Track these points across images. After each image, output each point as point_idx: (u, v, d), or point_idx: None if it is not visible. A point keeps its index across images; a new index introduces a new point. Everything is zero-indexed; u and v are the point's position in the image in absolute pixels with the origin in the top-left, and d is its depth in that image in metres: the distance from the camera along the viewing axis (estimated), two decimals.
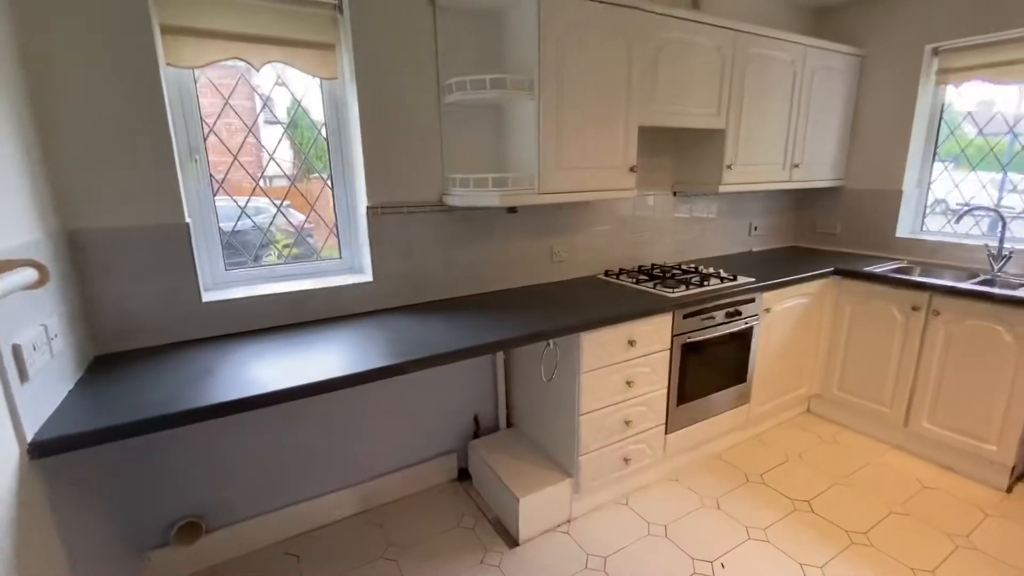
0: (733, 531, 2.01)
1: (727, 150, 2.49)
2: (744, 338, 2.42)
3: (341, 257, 2.10)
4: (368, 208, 1.93)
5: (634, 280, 2.41)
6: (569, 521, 2.08)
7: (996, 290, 2.17)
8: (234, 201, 1.90)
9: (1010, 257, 2.50)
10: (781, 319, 2.56)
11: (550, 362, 2.02)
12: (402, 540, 1.99)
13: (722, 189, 2.54)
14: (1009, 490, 2.23)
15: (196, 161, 1.74)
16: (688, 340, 2.20)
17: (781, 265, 2.79)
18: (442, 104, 1.99)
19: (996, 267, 2.51)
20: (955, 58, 2.69)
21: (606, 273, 2.59)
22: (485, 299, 2.17)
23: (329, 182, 2.04)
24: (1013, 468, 2.20)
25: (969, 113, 2.77)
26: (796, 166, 2.82)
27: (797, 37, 2.59)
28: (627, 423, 2.09)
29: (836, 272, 2.68)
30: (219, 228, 1.82)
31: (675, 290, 2.20)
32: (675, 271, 2.58)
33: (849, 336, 2.67)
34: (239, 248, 1.93)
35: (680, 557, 1.89)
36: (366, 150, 1.89)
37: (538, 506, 1.97)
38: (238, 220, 1.91)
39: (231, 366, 1.48)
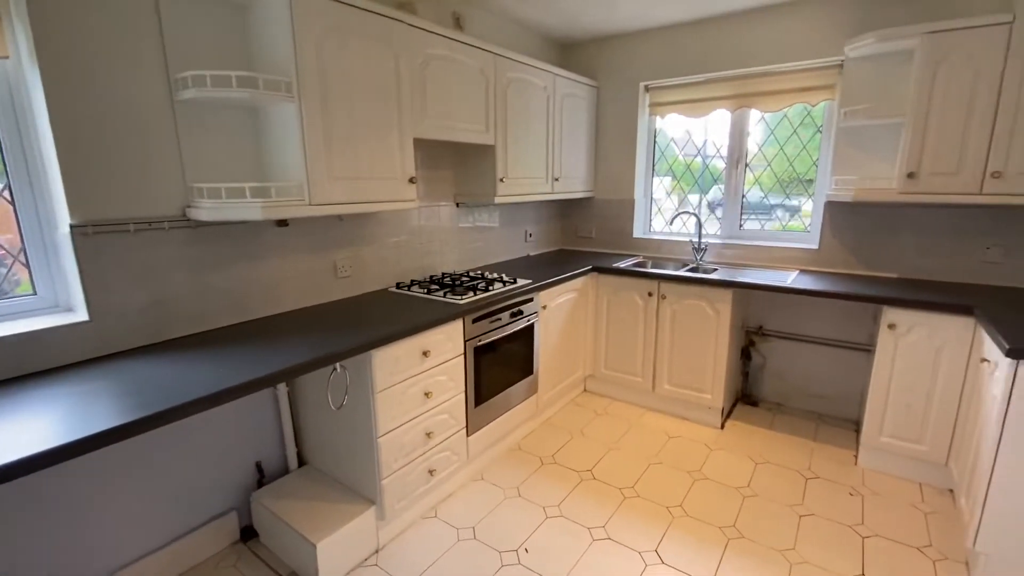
0: (533, 515, 2.17)
1: (498, 164, 2.69)
2: (527, 334, 2.64)
3: (36, 293, 1.59)
4: (73, 227, 1.50)
5: (425, 290, 2.42)
6: (377, 551, 1.96)
7: (698, 275, 2.82)
8: None
9: (706, 249, 3.28)
10: (556, 314, 2.88)
11: (339, 387, 1.88)
12: None
13: (498, 200, 2.73)
14: (722, 427, 2.92)
15: None
16: (479, 343, 2.29)
17: (553, 266, 3.14)
18: (176, 101, 1.67)
19: (698, 257, 3.28)
20: (660, 94, 3.42)
21: (398, 285, 2.53)
22: (256, 327, 1.91)
23: (7, 195, 1.53)
24: (723, 410, 2.89)
25: (672, 139, 3.55)
26: (557, 179, 3.22)
27: (547, 66, 2.95)
28: (429, 435, 2.07)
29: (594, 269, 3.14)
30: None
31: (464, 297, 2.28)
32: (463, 278, 2.68)
33: (608, 322, 3.16)
34: None
35: (488, 555, 1.95)
36: (62, 152, 1.46)
37: (339, 546, 1.80)
38: None
39: None
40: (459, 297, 2.28)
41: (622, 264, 3.20)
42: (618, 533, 2.06)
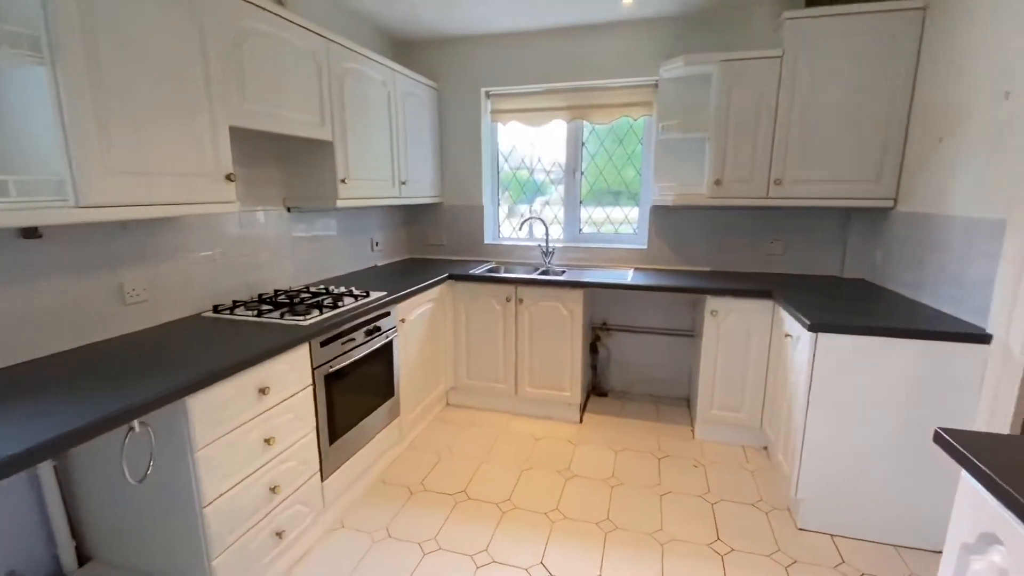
0: (408, 555, 1.93)
1: (339, 163, 2.38)
2: (386, 353, 2.38)
3: None
4: None
5: (255, 312, 2.00)
6: None
7: (552, 277, 2.89)
8: None
9: (554, 252, 3.40)
10: (415, 327, 2.67)
11: (140, 452, 1.41)
12: None
13: (340, 203, 2.42)
14: (581, 421, 3.03)
15: None
16: (331, 369, 1.97)
17: (405, 277, 2.92)
18: None
19: (547, 260, 3.38)
20: (501, 101, 3.44)
21: (216, 309, 2.05)
22: (2, 381, 1.33)
23: None
24: (580, 405, 3.01)
25: (514, 146, 3.61)
26: (404, 183, 3.00)
27: (386, 60, 2.73)
28: (274, 489, 1.69)
29: (450, 277, 3.01)
30: None
31: (308, 317, 1.94)
32: (304, 295, 2.30)
33: (468, 330, 3.05)
34: None
35: None
36: None
37: None
38: None
39: None
40: (301, 318, 1.93)
41: (476, 270, 3.13)
42: (502, 553, 1.95)
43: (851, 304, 2.23)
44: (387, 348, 2.38)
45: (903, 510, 1.95)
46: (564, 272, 3.18)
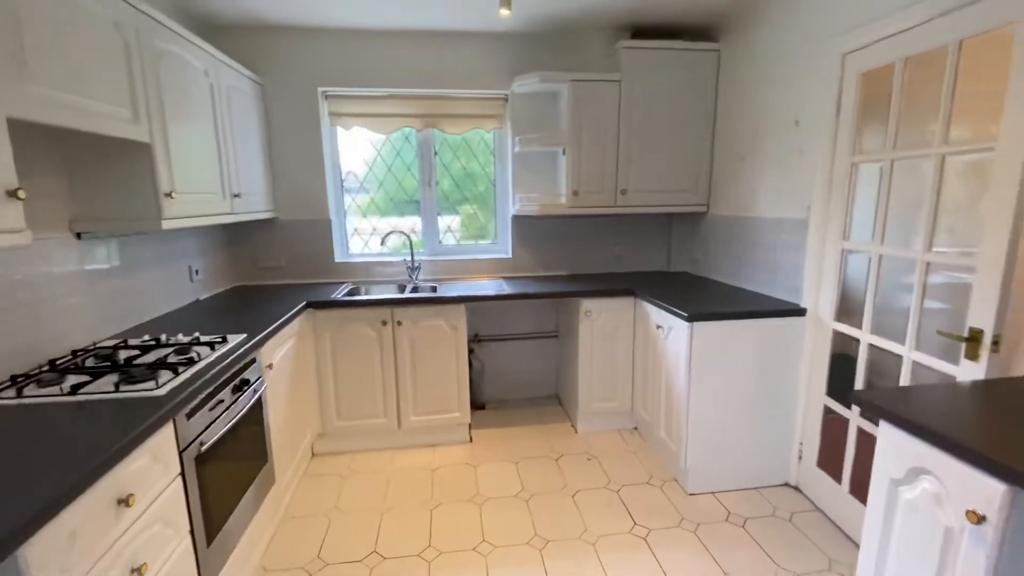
0: None
1: (160, 173, 1.80)
2: (257, 409, 1.90)
3: None
4: None
5: (66, 389, 1.37)
6: None
7: (429, 294, 2.71)
8: None
9: (420, 267, 3.20)
10: (281, 372, 2.21)
11: None
12: None
13: (167, 224, 1.83)
14: (471, 440, 2.92)
15: None
16: (202, 448, 1.48)
17: (247, 311, 2.39)
18: None
19: (414, 277, 3.16)
20: (341, 104, 3.08)
21: None
22: None
23: None
24: (469, 425, 2.89)
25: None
26: (237, 196, 2.45)
27: (207, 45, 2.18)
28: None
29: (309, 305, 2.57)
30: None
31: (160, 383, 1.41)
32: (135, 352, 1.68)
33: (336, 364, 2.65)
34: None
35: None
36: None
37: None
38: None
39: None
40: (150, 384, 1.40)
41: (336, 295, 2.74)
42: None
43: (697, 294, 2.63)
44: (258, 403, 1.90)
45: (757, 459, 2.39)
46: (436, 288, 3.02)
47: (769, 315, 2.27)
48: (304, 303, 2.53)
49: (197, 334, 1.87)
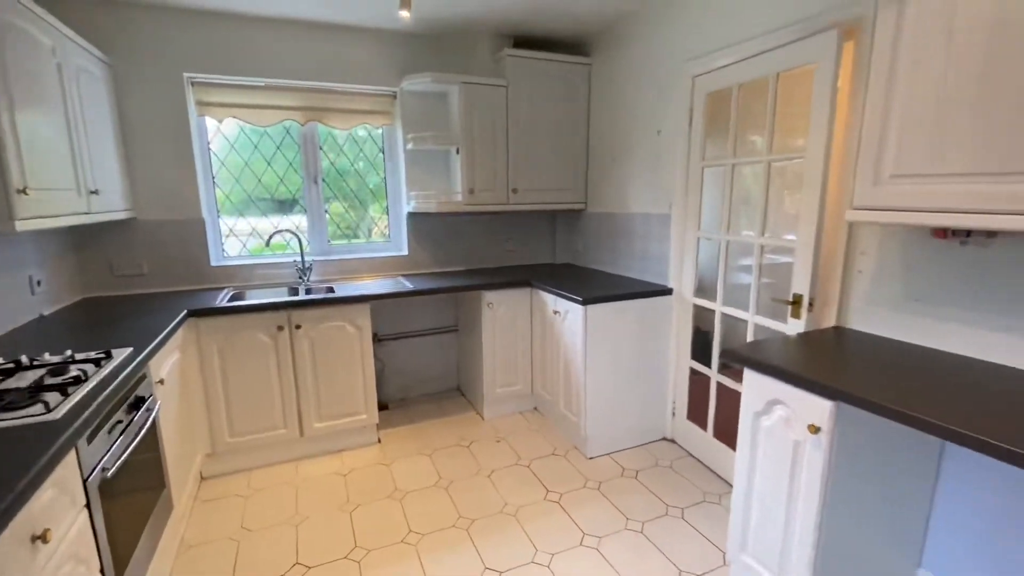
0: None
1: (11, 165, 1.53)
2: (152, 428, 1.71)
3: None
4: None
5: None
6: None
7: (329, 295, 2.63)
8: None
9: (311, 268, 3.05)
10: (171, 388, 1.99)
11: None
12: None
13: (21, 226, 1.56)
14: (379, 441, 2.90)
15: None
16: (107, 474, 1.31)
17: (112, 324, 2.10)
18: None
19: (306, 278, 3.01)
20: (210, 92, 2.81)
21: None
22: None
23: None
24: (376, 426, 2.87)
25: (232, 146, 3.01)
26: (95, 193, 2.13)
27: (51, 17, 1.86)
28: None
29: (191, 314, 2.33)
30: None
31: (51, 406, 1.23)
32: None
33: (226, 377, 2.44)
34: None
35: None
36: None
37: None
38: None
39: None
40: (39, 409, 1.21)
41: (219, 301, 2.52)
42: None
43: (584, 282, 2.95)
44: (154, 423, 1.71)
45: (641, 419, 2.78)
46: (333, 288, 2.92)
47: (645, 295, 2.65)
48: (185, 312, 2.29)
49: (70, 352, 1.61)
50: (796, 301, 1.97)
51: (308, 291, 2.93)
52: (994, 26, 1.19)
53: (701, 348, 2.62)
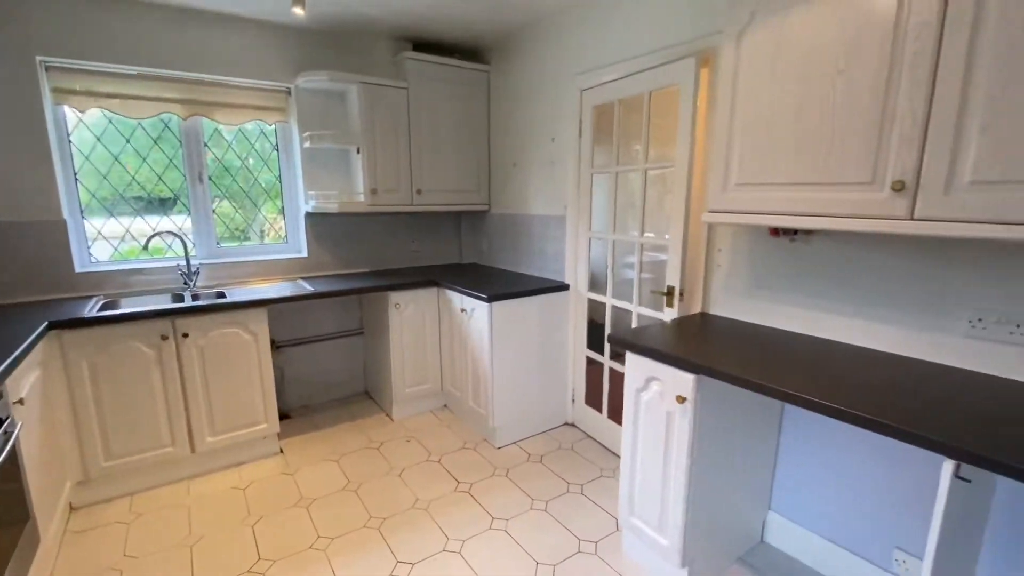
0: None
1: None
2: (12, 454, 1.53)
3: None
4: None
5: None
6: None
7: (219, 300, 2.49)
8: None
9: (198, 272, 2.84)
10: (32, 409, 1.78)
11: None
12: None
13: None
14: (282, 451, 2.79)
15: None
16: None
17: None
18: None
19: (192, 282, 2.80)
20: (70, 79, 2.51)
21: None
22: None
23: None
24: (277, 435, 2.76)
25: (99, 139, 2.71)
26: None
27: None
28: None
29: (52, 327, 2.09)
30: None
31: None
32: None
33: (100, 394, 2.22)
34: None
35: None
36: None
37: None
38: None
39: None
40: None
41: (88, 312, 2.28)
42: None
43: (489, 281, 3.08)
44: (12, 449, 1.53)
45: (544, 407, 2.97)
46: (224, 293, 2.75)
47: (545, 291, 2.83)
48: (45, 324, 2.05)
49: None
50: (670, 292, 2.24)
51: (195, 297, 2.74)
52: (806, 65, 1.48)
53: (595, 338, 2.86)
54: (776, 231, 1.82)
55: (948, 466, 1.08)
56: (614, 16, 2.43)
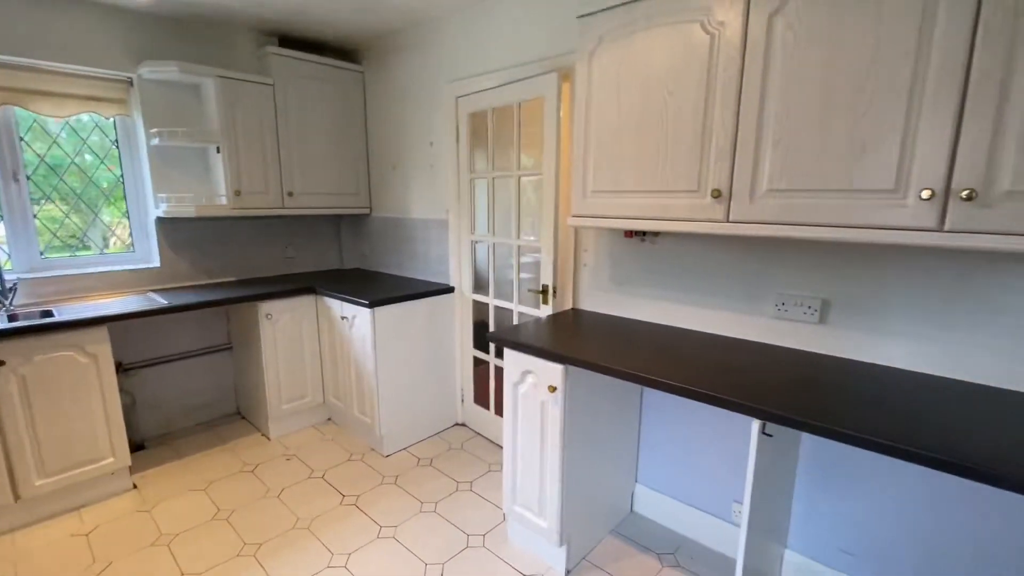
0: None
1: None
2: None
3: None
4: None
5: None
6: None
7: (50, 320, 2.15)
8: None
9: (15, 289, 2.41)
10: None
11: None
12: None
13: None
14: (135, 486, 2.47)
15: None
16: None
17: None
18: None
19: (7, 301, 2.37)
20: None
21: None
22: None
23: None
24: (129, 468, 2.44)
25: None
26: None
27: None
28: None
29: None
30: None
31: None
32: None
33: None
34: None
35: None
36: None
37: None
38: None
39: None
40: None
41: None
42: None
43: (371, 286, 3.01)
44: None
45: (434, 410, 2.99)
46: (52, 312, 2.37)
47: (429, 295, 2.85)
48: None
49: None
50: (544, 291, 2.39)
51: (13, 317, 2.32)
52: (644, 86, 1.68)
53: (482, 338, 2.94)
54: (630, 233, 2.04)
55: (755, 425, 1.31)
56: (485, 27, 2.53)
